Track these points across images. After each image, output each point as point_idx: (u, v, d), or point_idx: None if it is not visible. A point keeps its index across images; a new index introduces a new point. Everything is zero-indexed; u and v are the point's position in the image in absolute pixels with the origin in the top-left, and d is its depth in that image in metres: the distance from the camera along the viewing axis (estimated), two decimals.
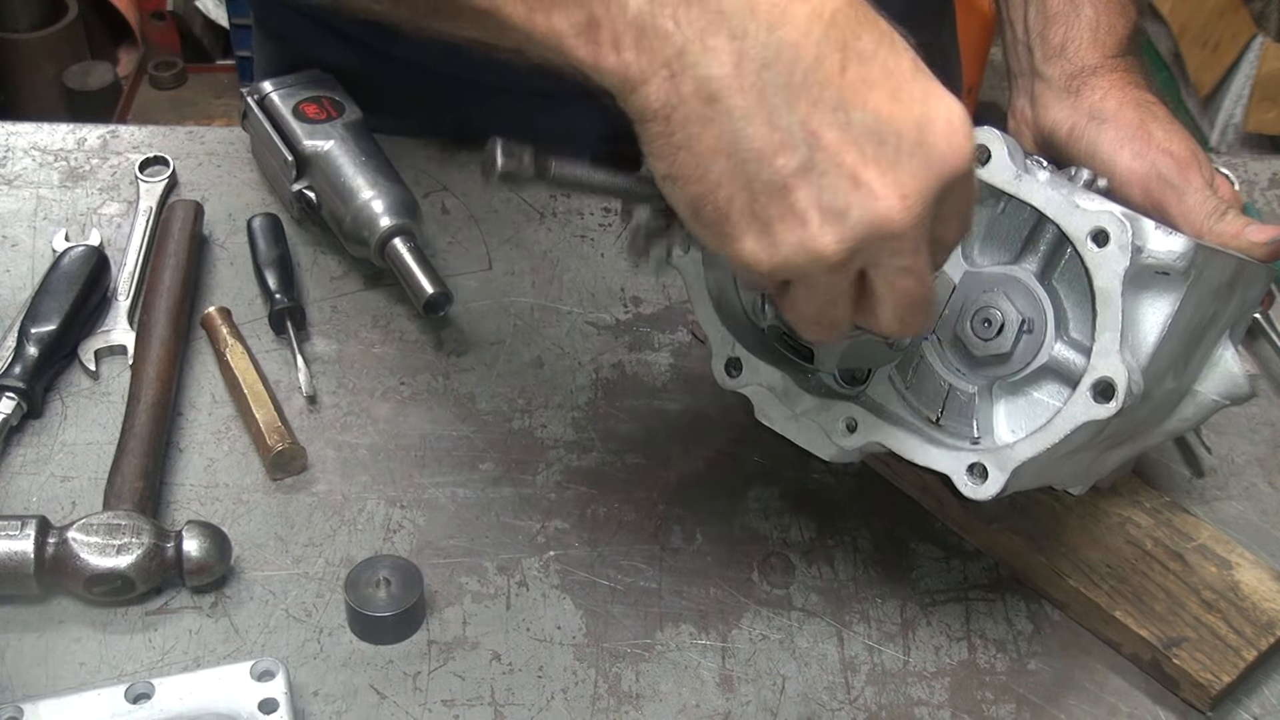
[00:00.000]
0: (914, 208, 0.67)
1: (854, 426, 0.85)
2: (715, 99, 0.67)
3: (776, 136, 0.67)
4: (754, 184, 0.68)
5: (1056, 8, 1.06)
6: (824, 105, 0.66)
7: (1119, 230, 0.77)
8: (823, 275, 0.70)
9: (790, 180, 0.67)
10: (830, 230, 0.67)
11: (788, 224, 0.68)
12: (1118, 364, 0.77)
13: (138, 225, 1.19)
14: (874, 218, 0.67)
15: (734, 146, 0.67)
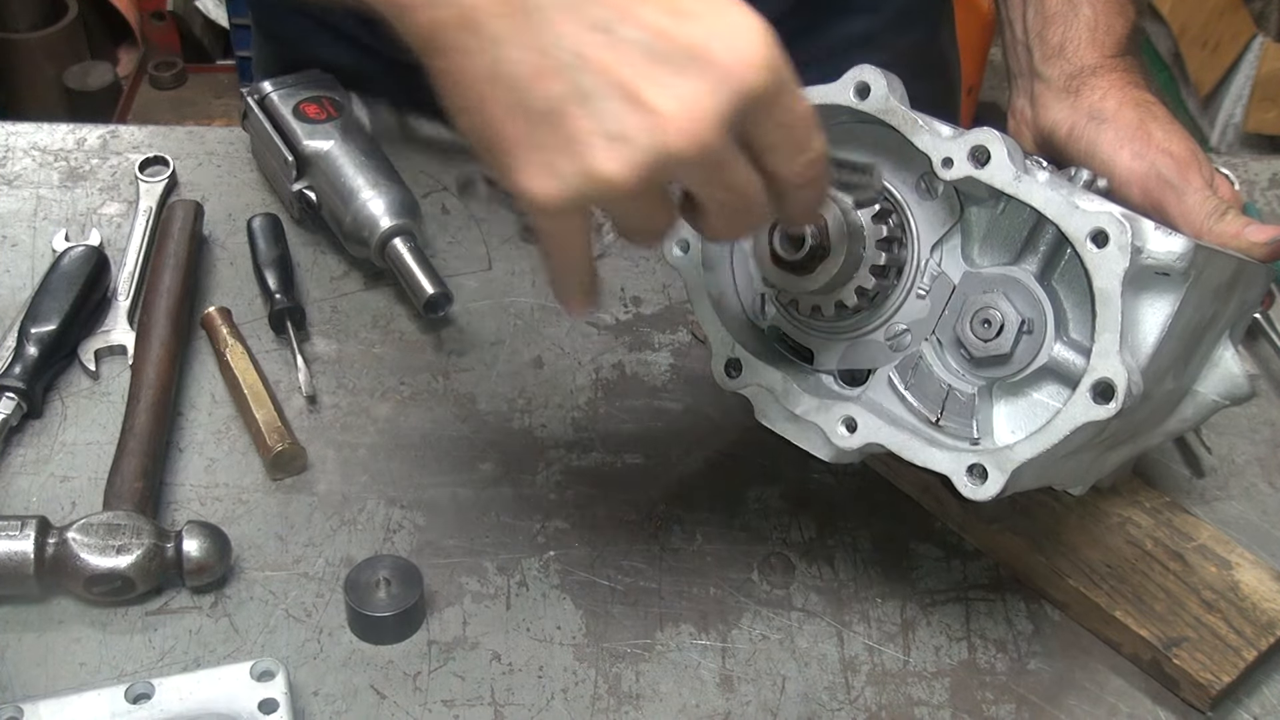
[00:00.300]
0: (704, 128, 0.63)
1: (853, 427, 0.85)
2: (475, 26, 0.65)
3: (543, 61, 0.64)
4: (528, 113, 0.64)
5: (1055, 8, 1.06)
6: (588, 23, 0.64)
7: (1118, 231, 0.77)
8: (621, 202, 0.67)
9: (563, 106, 0.64)
10: (615, 157, 0.64)
11: (569, 153, 0.64)
12: (1117, 365, 0.77)
13: (138, 225, 1.19)
14: (660, 142, 0.63)
15: (499, 74, 0.64)
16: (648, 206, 0.68)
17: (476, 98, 0.66)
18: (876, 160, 0.85)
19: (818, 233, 0.83)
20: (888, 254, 0.84)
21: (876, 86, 0.83)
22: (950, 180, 0.82)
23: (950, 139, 0.81)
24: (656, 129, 0.64)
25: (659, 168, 0.64)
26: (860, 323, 0.88)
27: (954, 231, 0.86)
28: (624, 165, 0.64)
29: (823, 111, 0.86)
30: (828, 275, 0.83)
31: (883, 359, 0.88)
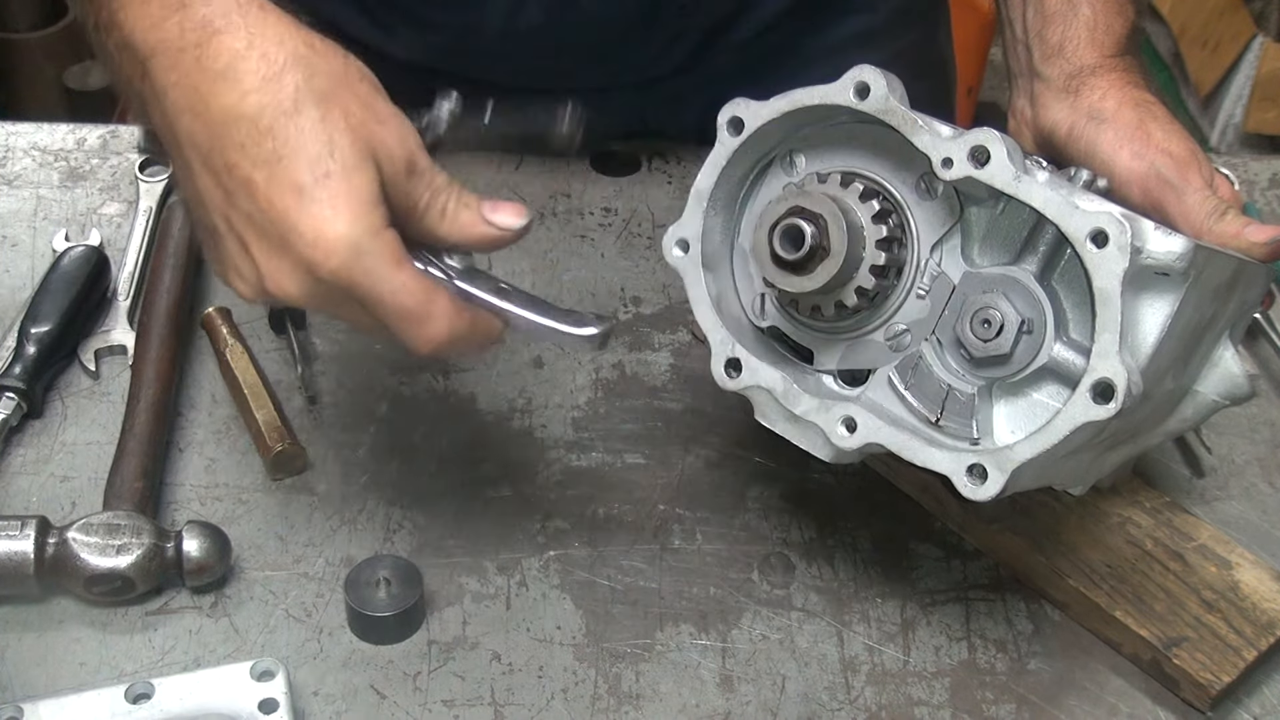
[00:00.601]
0: (291, 292, 0.77)
1: (853, 427, 0.85)
2: (179, 148, 0.78)
3: (191, 194, 0.79)
4: (202, 224, 0.81)
5: (1054, 7, 1.06)
6: (214, 181, 0.77)
7: (1118, 231, 0.77)
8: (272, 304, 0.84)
9: (208, 234, 0.80)
10: (243, 284, 0.79)
11: (224, 268, 0.81)
12: (1117, 365, 0.77)
13: (138, 225, 1.19)
14: (263, 289, 0.78)
15: (187, 191, 0.80)
16: (329, 307, 0.80)
17: (189, 201, 0.82)
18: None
19: (817, 233, 0.83)
20: (887, 254, 0.84)
21: (876, 86, 0.83)
22: (950, 180, 0.82)
23: (950, 139, 0.81)
24: (259, 279, 0.78)
25: (274, 301, 0.79)
26: (860, 323, 0.88)
27: (954, 231, 0.86)
28: (248, 292, 0.80)
29: (823, 112, 0.86)
30: (827, 275, 0.83)
31: (882, 359, 0.88)
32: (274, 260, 0.76)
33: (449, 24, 1.22)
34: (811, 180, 0.87)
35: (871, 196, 0.85)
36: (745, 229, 0.93)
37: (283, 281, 0.77)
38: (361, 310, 0.78)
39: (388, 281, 0.76)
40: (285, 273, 0.76)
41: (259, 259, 0.77)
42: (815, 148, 0.90)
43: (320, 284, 0.76)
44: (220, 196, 0.77)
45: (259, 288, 0.78)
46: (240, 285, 0.80)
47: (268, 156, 0.75)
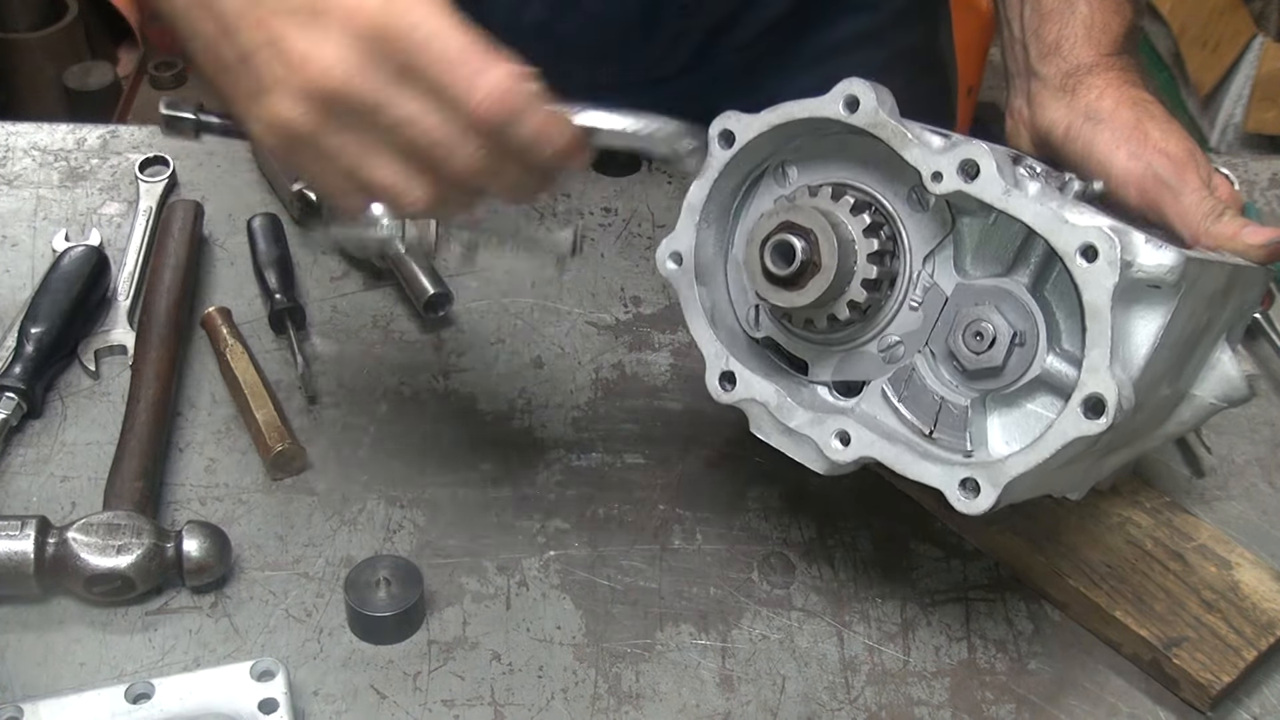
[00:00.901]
0: (334, 66, 0.72)
1: (847, 441, 0.84)
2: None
3: (217, 28, 0.75)
4: (224, 62, 0.76)
5: (1051, 5, 1.06)
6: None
7: (1108, 246, 0.77)
8: (307, 144, 0.74)
9: (243, 56, 0.74)
10: (284, 99, 0.73)
11: (260, 97, 0.74)
12: (1107, 380, 0.76)
13: (138, 225, 1.19)
14: (306, 81, 0.72)
15: (197, 39, 0.77)
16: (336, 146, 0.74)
17: (200, 62, 0.78)
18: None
19: (808, 248, 0.82)
20: (879, 267, 0.84)
21: (865, 100, 0.83)
22: (940, 194, 0.81)
23: (940, 152, 0.81)
24: (300, 66, 0.72)
25: (321, 105, 0.73)
26: (853, 335, 0.88)
27: (946, 243, 0.85)
28: (290, 107, 0.73)
29: (814, 123, 0.86)
30: (819, 290, 0.83)
31: (876, 371, 0.88)
32: (311, 34, 0.72)
33: None
34: (803, 193, 0.86)
35: (863, 209, 0.84)
36: (738, 240, 0.92)
37: (324, 54, 0.72)
38: (413, 72, 0.73)
39: (429, 21, 0.72)
40: (324, 44, 0.72)
41: (296, 41, 0.72)
42: (807, 159, 0.89)
43: (360, 45, 0.72)
44: (248, 6, 0.74)
45: (301, 78, 0.72)
46: (278, 96, 0.73)
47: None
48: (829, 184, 0.86)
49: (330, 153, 0.75)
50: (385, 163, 0.75)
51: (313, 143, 0.74)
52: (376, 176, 0.75)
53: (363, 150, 0.75)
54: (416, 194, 0.76)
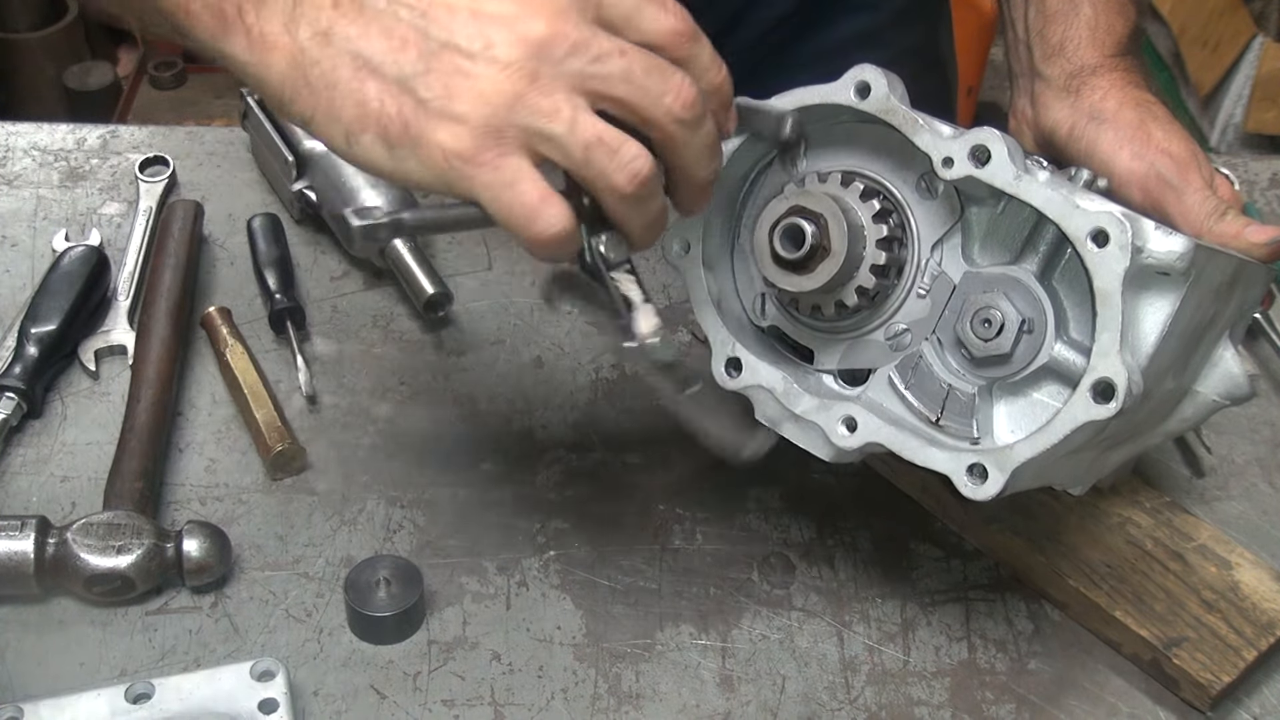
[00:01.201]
0: (555, 10, 0.70)
1: (854, 427, 0.85)
2: (329, 35, 0.71)
3: (396, 35, 0.71)
4: (406, 79, 0.71)
5: (1055, 7, 1.06)
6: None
7: (1119, 230, 0.77)
8: (537, 119, 0.70)
9: (429, 60, 0.70)
10: (495, 70, 0.70)
11: (460, 89, 0.70)
12: (1117, 364, 0.77)
13: (138, 225, 1.19)
14: (518, 34, 0.70)
15: (370, 63, 0.71)
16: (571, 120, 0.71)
17: (356, 92, 0.72)
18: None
19: (818, 232, 0.83)
20: (888, 253, 0.84)
21: (877, 86, 0.83)
22: (950, 180, 0.82)
23: (951, 138, 0.81)
24: (510, 25, 0.70)
25: (533, 60, 0.70)
26: (860, 322, 0.88)
27: (954, 231, 0.86)
28: (506, 71, 0.70)
29: (824, 111, 0.86)
30: (828, 275, 0.83)
31: (883, 359, 0.88)
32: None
33: None
34: (812, 179, 0.87)
35: (872, 196, 0.85)
36: (745, 228, 0.93)
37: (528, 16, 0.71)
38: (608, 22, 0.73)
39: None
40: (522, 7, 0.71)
41: (493, 7, 0.71)
42: (816, 147, 0.89)
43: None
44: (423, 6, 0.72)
45: (513, 33, 0.70)
46: (498, 71, 0.70)
47: None
48: (838, 171, 0.86)
49: (551, 96, 0.71)
50: (600, 120, 0.72)
51: (532, 87, 0.70)
52: (598, 129, 0.72)
53: (579, 100, 0.72)
54: (635, 147, 0.73)
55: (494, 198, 0.72)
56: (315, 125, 0.73)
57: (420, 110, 0.71)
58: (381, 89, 0.71)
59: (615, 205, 0.74)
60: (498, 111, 0.70)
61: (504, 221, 0.72)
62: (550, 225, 0.72)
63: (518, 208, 0.71)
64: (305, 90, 0.72)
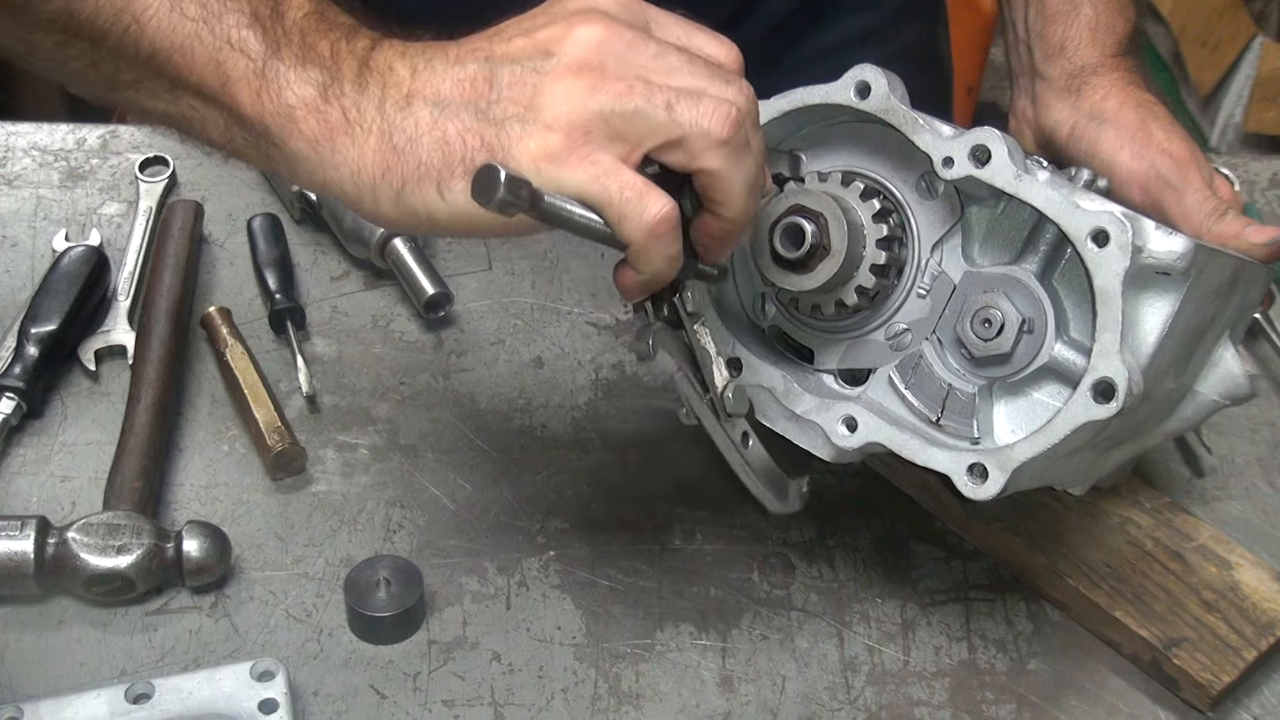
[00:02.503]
0: (600, 10, 0.74)
1: (854, 427, 0.85)
2: (409, 99, 0.74)
3: (467, 81, 0.74)
4: (482, 111, 0.73)
5: (1056, 7, 1.06)
6: (475, 44, 0.75)
7: (1119, 230, 0.77)
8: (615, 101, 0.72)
9: (499, 89, 0.73)
10: (564, 72, 0.72)
11: (533, 99, 0.73)
12: (1118, 364, 0.77)
13: (138, 225, 1.19)
14: (581, 40, 0.73)
15: (447, 109, 0.74)
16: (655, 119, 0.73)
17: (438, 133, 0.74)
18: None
19: (818, 231, 0.83)
20: (888, 253, 0.84)
21: (877, 86, 0.83)
22: (951, 179, 0.82)
23: (951, 138, 0.81)
24: (568, 36, 0.73)
25: (596, 56, 0.73)
26: (860, 322, 0.88)
27: (954, 231, 0.86)
28: (575, 74, 0.73)
29: (824, 111, 0.86)
30: (828, 274, 0.83)
31: (883, 358, 0.88)
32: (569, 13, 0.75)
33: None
34: (812, 179, 0.87)
35: (872, 195, 0.85)
36: None
37: (580, 22, 0.74)
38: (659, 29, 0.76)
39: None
40: (586, 15, 0.74)
41: (542, 32, 0.74)
42: (816, 147, 0.90)
43: (604, 9, 0.75)
44: (487, 48, 0.75)
45: (560, 44, 0.73)
46: (557, 78, 0.73)
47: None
48: (838, 171, 0.86)
49: (623, 77, 0.73)
50: (672, 80, 0.74)
51: (603, 75, 0.72)
52: (675, 82, 0.73)
53: (647, 77, 0.73)
54: (718, 88, 0.74)
55: (600, 189, 0.72)
56: (407, 190, 0.74)
57: (502, 131, 0.73)
58: (461, 128, 0.73)
59: (714, 158, 0.74)
60: (575, 107, 0.72)
61: (613, 207, 0.73)
62: (661, 205, 0.72)
63: (627, 191, 0.72)
64: (395, 159, 0.73)
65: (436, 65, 0.74)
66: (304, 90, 0.74)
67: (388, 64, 0.75)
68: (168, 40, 0.75)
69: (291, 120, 0.74)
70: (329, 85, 0.74)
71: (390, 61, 0.75)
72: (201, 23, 0.74)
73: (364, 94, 0.74)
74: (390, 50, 0.76)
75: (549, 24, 0.74)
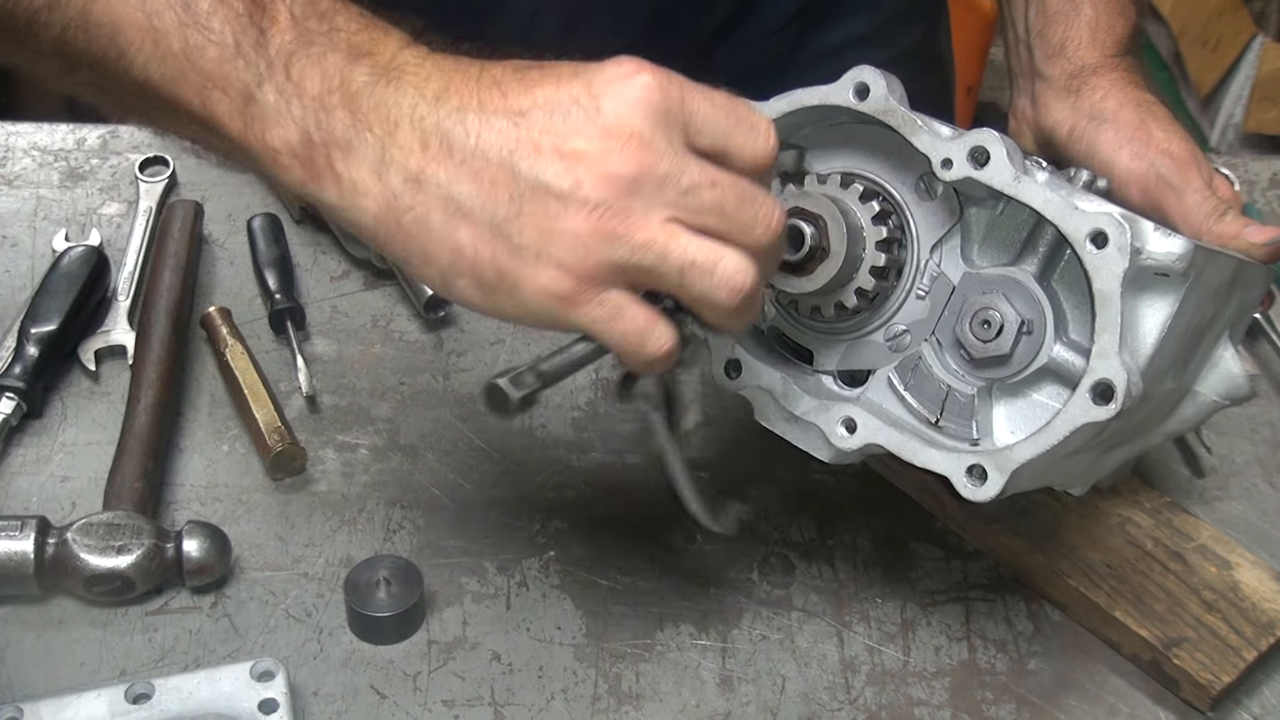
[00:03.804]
0: (636, 133, 0.70)
1: (853, 428, 0.85)
2: (420, 180, 0.71)
3: (486, 177, 0.70)
4: (499, 224, 0.71)
5: (1056, 7, 1.06)
6: (498, 125, 0.71)
7: (1118, 232, 0.77)
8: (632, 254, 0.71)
9: (520, 203, 0.71)
10: (587, 211, 0.70)
11: (553, 233, 0.70)
12: (1117, 366, 0.77)
13: (138, 225, 1.19)
14: (609, 174, 0.70)
15: (462, 208, 0.71)
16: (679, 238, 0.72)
17: (449, 239, 0.72)
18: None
19: (817, 234, 0.83)
20: (887, 255, 0.84)
21: (876, 87, 0.83)
22: (949, 181, 0.82)
23: (949, 140, 0.81)
24: (598, 163, 0.70)
25: (623, 198, 0.70)
26: (860, 324, 0.88)
27: (953, 232, 0.86)
28: (598, 216, 0.70)
29: (823, 112, 0.86)
30: (827, 276, 0.83)
31: (882, 360, 0.88)
32: (587, 122, 0.70)
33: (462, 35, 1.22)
34: (811, 181, 0.87)
35: (871, 197, 0.85)
36: None
37: (612, 125, 0.70)
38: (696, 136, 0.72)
39: (690, 90, 0.72)
40: (607, 115, 0.70)
41: (576, 144, 0.70)
42: (815, 148, 0.89)
43: (649, 106, 0.71)
44: (503, 136, 0.71)
45: (597, 169, 0.70)
46: (577, 199, 0.70)
47: (533, 67, 0.73)
48: (837, 172, 0.86)
49: (645, 229, 0.71)
50: (693, 237, 0.72)
51: (625, 223, 0.70)
52: (690, 252, 0.71)
53: (671, 227, 0.71)
54: (732, 262, 0.72)
55: (602, 330, 0.72)
56: (410, 267, 0.74)
57: (515, 256, 0.71)
58: (475, 235, 0.71)
59: (719, 319, 0.75)
60: (592, 253, 0.70)
61: (616, 348, 0.74)
62: (660, 345, 0.73)
63: (630, 335, 0.72)
64: (399, 234, 0.72)
65: (454, 139, 0.71)
66: (286, 132, 0.72)
67: (391, 118, 0.71)
68: (157, 74, 0.73)
69: (277, 162, 0.73)
70: (314, 129, 0.72)
71: (394, 113, 0.71)
72: (184, 57, 0.73)
73: (355, 152, 0.72)
74: (392, 91, 0.72)
75: (583, 128, 0.70)
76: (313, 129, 0.72)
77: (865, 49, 1.32)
